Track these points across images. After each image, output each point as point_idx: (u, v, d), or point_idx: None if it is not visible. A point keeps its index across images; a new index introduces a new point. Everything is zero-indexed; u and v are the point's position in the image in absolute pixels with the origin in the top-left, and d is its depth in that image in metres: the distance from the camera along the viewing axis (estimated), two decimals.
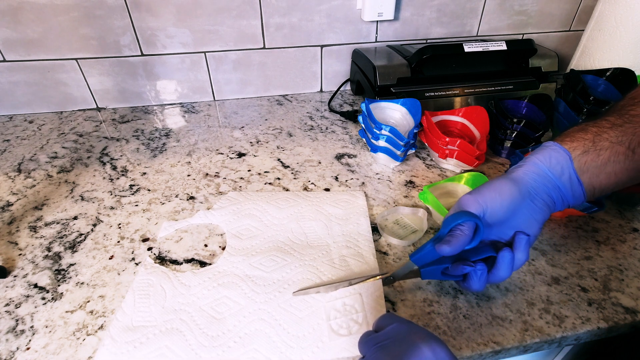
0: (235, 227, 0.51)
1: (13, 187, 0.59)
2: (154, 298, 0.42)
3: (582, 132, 0.34)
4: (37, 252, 0.48)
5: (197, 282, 0.44)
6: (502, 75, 0.77)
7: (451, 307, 0.41)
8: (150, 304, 0.41)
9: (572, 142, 0.33)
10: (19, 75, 0.75)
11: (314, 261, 0.46)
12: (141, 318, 0.40)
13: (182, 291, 0.43)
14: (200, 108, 0.84)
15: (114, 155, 0.67)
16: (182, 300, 0.42)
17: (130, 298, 0.42)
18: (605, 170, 0.33)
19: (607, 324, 0.40)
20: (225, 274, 0.44)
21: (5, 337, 0.38)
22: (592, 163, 0.33)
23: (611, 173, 0.33)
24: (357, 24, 0.83)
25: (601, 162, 0.32)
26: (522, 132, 0.63)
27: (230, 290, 0.43)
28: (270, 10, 0.77)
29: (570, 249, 0.48)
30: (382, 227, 0.51)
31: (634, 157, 0.32)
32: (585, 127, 0.34)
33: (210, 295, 0.42)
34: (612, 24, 0.74)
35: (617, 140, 0.32)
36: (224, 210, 0.53)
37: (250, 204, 0.55)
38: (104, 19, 0.72)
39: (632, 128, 0.33)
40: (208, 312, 0.40)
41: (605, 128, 0.33)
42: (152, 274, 0.45)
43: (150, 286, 0.43)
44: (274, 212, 0.53)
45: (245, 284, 0.43)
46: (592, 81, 0.66)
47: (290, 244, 0.48)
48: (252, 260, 0.46)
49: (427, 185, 0.53)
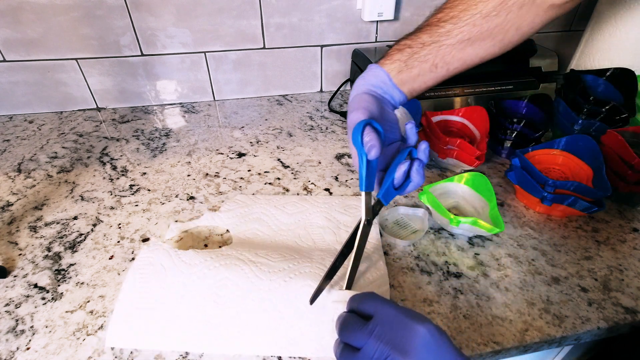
0: (242, 231, 0.50)
1: (13, 187, 0.59)
2: (154, 277, 0.41)
3: (399, 53, 0.43)
4: (37, 252, 0.48)
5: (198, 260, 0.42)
6: (502, 75, 0.76)
7: (451, 307, 0.41)
8: (150, 283, 0.41)
9: (392, 63, 0.43)
10: (19, 75, 0.75)
11: (323, 260, 0.44)
12: (140, 298, 0.40)
13: (182, 269, 0.41)
14: (200, 108, 0.84)
15: (114, 155, 0.67)
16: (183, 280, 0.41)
17: (130, 277, 0.41)
18: (417, 81, 0.44)
19: (607, 324, 0.40)
20: (228, 257, 0.43)
21: (5, 337, 0.38)
22: (407, 78, 0.43)
23: (422, 82, 0.44)
24: (357, 24, 0.83)
25: (413, 75, 0.43)
26: (522, 132, 0.63)
27: (231, 272, 0.41)
28: (270, 10, 0.77)
29: (570, 249, 0.48)
30: (383, 227, 0.51)
31: (437, 71, 0.43)
32: (403, 48, 0.43)
33: (212, 276, 0.41)
34: (612, 24, 0.74)
35: (425, 60, 0.42)
36: (232, 213, 0.53)
37: (258, 208, 0.54)
38: (104, 19, 0.72)
39: (436, 48, 0.42)
40: (208, 295, 0.39)
41: (417, 49, 0.42)
42: (155, 251, 0.44)
43: (150, 265, 0.43)
44: (282, 218, 0.52)
45: (248, 268, 0.41)
46: (592, 81, 0.66)
47: (297, 249, 0.47)
48: (258, 251, 0.45)
49: (427, 185, 0.53)
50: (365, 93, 0.42)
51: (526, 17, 0.41)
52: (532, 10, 0.41)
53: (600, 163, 0.52)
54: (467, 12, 0.41)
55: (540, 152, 0.58)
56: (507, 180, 0.60)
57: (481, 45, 0.43)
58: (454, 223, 0.46)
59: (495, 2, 0.40)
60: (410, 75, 0.43)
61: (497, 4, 0.40)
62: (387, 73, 0.42)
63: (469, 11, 0.41)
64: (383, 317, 0.30)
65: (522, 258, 0.47)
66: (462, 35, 0.41)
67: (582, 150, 0.56)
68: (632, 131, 0.57)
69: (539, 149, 0.58)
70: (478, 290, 0.43)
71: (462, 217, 0.45)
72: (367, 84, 0.43)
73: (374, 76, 0.43)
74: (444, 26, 0.42)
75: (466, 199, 0.54)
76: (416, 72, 0.43)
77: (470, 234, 0.49)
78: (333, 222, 0.52)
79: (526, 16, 0.41)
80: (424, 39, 0.42)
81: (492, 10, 0.40)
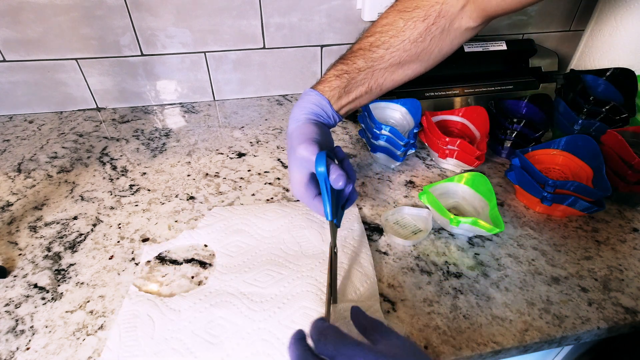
0: (224, 245, 0.48)
1: (13, 187, 0.59)
2: (141, 329, 0.38)
3: (338, 79, 0.46)
4: (37, 252, 0.48)
5: (187, 305, 0.40)
6: (502, 75, 0.76)
7: (451, 307, 0.41)
8: (138, 336, 0.37)
9: (331, 90, 0.46)
10: (19, 75, 0.75)
11: (312, 272, 0.44)
12: (129, 353, 0.36)
13: (171, 317, 0.39)
14: (200, 108, 0.84)
15: (114, 155, 0.67)
16: (173, 327, 0.38)
17: (115, 333, 0.38)
18: (354, 102, 0.48)
19: (607, 324, 0.40)
20: (217, 294, 0.41)
21: (5, 337, 0.38)
22: (345, 102, 0.47)
23: (358, 103, 0.49)
24: (357, 24, 0.83)
25: (351, 99, 0.48)
26: (522, 132, 0.63)
27: (224, 310, 0.40)
28: (270, 10, 0.77)
29: (570, 249, 0.48)
30: (384, 227, 0.51)
31: (371, 92, 0.48)
32: (341, 74, 0.46)
33: (203, 318, 0.39)
34: (612, 24, 0.74)
35: (361, 84, 0.47)
36: (210, 229, 0.50)
37: (238, 219, 0.52)
38: (104, 19, 0.72)
39: (371, 72, 0.47)
40: (202, 337, 0.37)
41: (354, 74, 0.46)
42: (138, 303, 0.41)
43: (136, 317, 0.39)
44: (264, 225, 0.51)
45: (240, 302, 0.40)
46: (592, 81, 0.66)
47: (284, 256, 0.46)
48: (245, 277, 0.43)
49: (427, 185, 0.53)
50: (309, 121, 0.45)
51: (447, 40, 0.47)
52: (451, 34, 0.46)
53: (600, 163, 0.52)
54: (397, 38, 0.45)
55: (540, 152, 0.58)
56: (507, 180, 0.60)
57: (410, 66, 0.48)
58: (454, 223, 0.46)
59: (421, 29, 0.45)
60: (348, 99, 0.47)
61: (423, 31, 0.45)
62: (327, 100, 0.46)
63: (399, 37, 0.45)
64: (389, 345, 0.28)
65: (522, 258, 0.47)
66: (394, 60, 0.46)
67: (582, 150, 0.56)
68: (632, 131, 0.57)
69: (539, 149, 0.58)
70: (478, 290, 0.43)
71: (462, 217, 0.45)
72: (309, 112, 0.46)
73: (314, 103, 0.46)
74: (377, 51, 0.46)
75: (466, 199, 0.54)
76: (353, 96, 0.48)
77: (470, 234, 0.49)
78: (316, 221, 0.51)
79: (447, 39, 0.47)
80: (359, 64, 0.46)
81: (419, 36, 0.45)
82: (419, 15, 0.44)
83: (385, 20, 0.46)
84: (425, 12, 0.44)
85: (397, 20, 0.45)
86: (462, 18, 0.45)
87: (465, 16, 0.45)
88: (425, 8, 0.44)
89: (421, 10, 0.44)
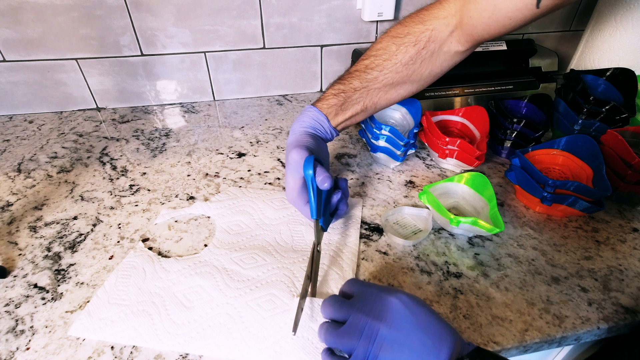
0: (226, 222, 0.52)
1: (13, 187, 0.59)
2: (133, 279, 0.43)
3: (335, 98, 0.50)
4: (37, 252, 0.48)
5: (177, 268, 0.45)
6: (502, 75, 0.76)
7: (451, 307, 0.41)
8: (129, 284, 0.43)
9: (329, 108, 0.50)
10: (19, 75, 0.75)
11: (292, 265, 0.45)
12: (117, 296, 0.41)
13: (161, 275, 0.44)
14: (200, 108, 0.84)
15: (114, 155, 0.67)
16: (159, 284, 0.43)
17: (113, 277, 0.44)
18: (350, 120, 0.52)
19: (607, 324, 0.40)
20: (204, 264, 0.45)
21: (5, 337, 0.38)
22: (342, 119, 0.51)
23: (353, 120, 0.53)
24: (357, 24, 0.83)
25: (347, 116, 0.51)
26: (522, 132, 0.63)
27: (205, 280, 0.43)
28: (270, 10, 0.77)
29: (570, 249, 0.48)
30: (384, 227, 0.51)
31: (366, 110, 0.52)
32: (338, 93, 0.50)
33: (186, 282, 0.43)
34: (612, 24, 0.74)
35: (357, 102, 0.51)
36: (221, 204, 0.55)
37: (247, 201, 0.55)
38: (104, 19, 0.72)
39: (366, 92, 0.50)
40: (179, 299, 0.41)
41: (350, 93, 0.50)
42: (139, 257, 0.46)
43: (133, 267, 0.45)
44: (268, 212, 0.53)
45: (220, 276, 0.44)
46: (592, 81, 0.66)
47: (275, 245, 0.48)
48: (233, 255, 0.47)
49: (427, 185, 0.53)
50: (306, 133, 0.49)
51: (437, 62, 0.50)
52: (440, 57, 0.49)
53: (600, 163, 0.52)
54: (389, 61, 0.49)
55: (540, 152, 0.58)
56: (507, 180, 0.60)
57: (402, 87, 0.51)
58: (454, 223, 0.46)
59: (412, 53, 0.48)
60: (345, 116, 0.51)
61: (414, 54, 0.48)
62: (325, 116, 0.50)
63: (392, 60, 0.49)
64: (363, 294, 0.35)
65: (522, 258, 0.47)
66: (387, 81, 0.50)
67: (582, 150, 0.56)
68: (632, 131, 0.57)
69: (539, 149, 0.58)
70: (478, 290, 0.43)
71: (462, 217, 0.45)
72: (307, 126, 0.50)
73: (313, 118, 0.50)
74: (371, 73, 0.49)
75: (466, 199, 0.54)
76: (349, 114, 0.51)
77: (470, 234, 0.49)
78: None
79: (437, 62, 0.49)
80: (355, 84, 0.50)
81: (410, 59, 0.48)
82: (410, 41, 0.47)
83: (380, 45, 0.50)
84: (416, 38, 0.47)
85: (390, 45, 0.49)
86: (451, 42, 0.47)
87: (454, 41, 0.47)
88: (416, 34, 0.47)
89: (412, 36, 0.47)
